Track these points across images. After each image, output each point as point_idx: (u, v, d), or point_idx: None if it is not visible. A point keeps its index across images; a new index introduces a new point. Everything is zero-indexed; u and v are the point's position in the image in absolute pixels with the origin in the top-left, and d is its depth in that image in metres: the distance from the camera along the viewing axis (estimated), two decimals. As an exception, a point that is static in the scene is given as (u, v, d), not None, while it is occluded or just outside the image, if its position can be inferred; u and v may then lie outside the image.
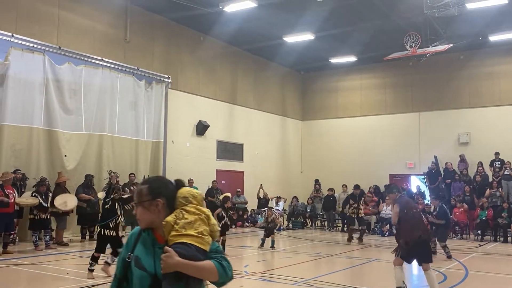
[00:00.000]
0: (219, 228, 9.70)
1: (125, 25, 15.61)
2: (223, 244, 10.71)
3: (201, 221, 2.29)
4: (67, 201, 11.73)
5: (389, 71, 22.15)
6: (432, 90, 21.05)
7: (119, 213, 8.05)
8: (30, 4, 12.98)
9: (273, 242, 11.96)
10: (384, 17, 16.47)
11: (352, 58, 21.20)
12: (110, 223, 7.89)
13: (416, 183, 19.76)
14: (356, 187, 14.38)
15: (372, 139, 22.20)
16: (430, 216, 11.16)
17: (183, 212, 2.30)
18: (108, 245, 8.04)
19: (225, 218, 11.02)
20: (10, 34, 12.32)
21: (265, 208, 18.10)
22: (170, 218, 2.27)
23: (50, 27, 13.47)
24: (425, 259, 6.75)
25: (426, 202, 16.53)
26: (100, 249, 7.94)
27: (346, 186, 17.94)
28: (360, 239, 13.44)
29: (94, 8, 14.65)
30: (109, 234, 7.86)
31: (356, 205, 13.78)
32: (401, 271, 6.86)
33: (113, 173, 13.85)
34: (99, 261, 8.00)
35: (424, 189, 19.08)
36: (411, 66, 20.63)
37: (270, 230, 12.10)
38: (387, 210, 14.84)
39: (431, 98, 21.03)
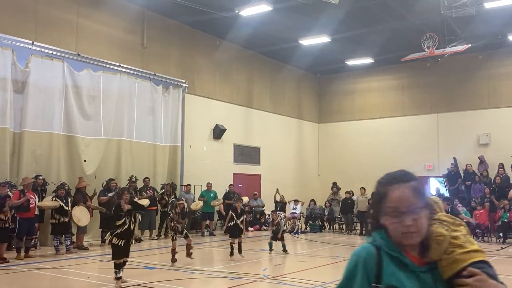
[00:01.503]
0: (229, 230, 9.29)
1: (142, 31, 15.79)
2: (239, 247, 10.60)
3: (467, 232, 1.87)
4: (81, 219, 11.82)
5: (407, 72, 21.96)
6: (451, 91, 20.80)
7: (127, 220, 7.76)
8: (49, 12, 13.22)
9: (284, 246, 11.74)
10: (400, 18, 16.35)
11: (368, 60, 21.08)
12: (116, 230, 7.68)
13: (435, 185, 19.51)
14: None
15: (390, 141, 22.02)
16: None
17: (446, 222, 1.85)
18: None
19: (236, 220, 10.73)
20: (30, 42, 12.57)
21: (282, 212, 18.14)
22: (443, 231, 1.80)
23: (69, 34, 13.69)
24: None
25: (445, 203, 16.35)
26: (116, 256, 7.72)
27: (364, 189, 17.80)
28: None
29: (112, 14, 14.85)
30: (117, 242, 7.65)
31: None
32: None
33: (135, 178, 14.07)
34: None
35: (444, 191, 18.84)
36: (429, 67, 20.41)
37: (276, 233, 11.93)
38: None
39: (450, 99, 20.77)
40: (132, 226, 7.90)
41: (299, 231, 17.27)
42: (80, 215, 11.79)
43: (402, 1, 15.13)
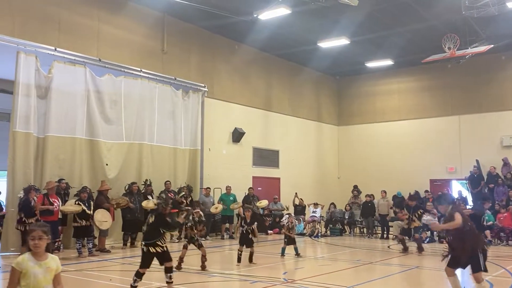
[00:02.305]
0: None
1: (162, 36, 15.95)
2: (250, 256, 10.20)
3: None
4: (103, 223, 11.97)
5: (427, 74, 21.73)
6: (473, 92, 20.49)
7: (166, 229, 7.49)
8: (71, 19, 13.46)
9: (296, 249, 11.49)
10: (421, 20, 16.18)
11: (388, 62, 20.91)
12: (158, 241, 7.25)
13: (457, 188, 19.22)
14: (412, 198, 13.86)
15: (411, 143, 21.79)
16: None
17: None
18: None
19: (242, 228, 10.32)
20: (53, 48, 12.83)
21: (302, 215, 18.06)
22: None
23: (91, 40, 13.92)
24: (476, 268, 6.50)
25: (468, 207, 16.08)
26: (144, 265, 7.27)
27: (385, 192, 17.64)
28: (420, 248, 12.69)
29: (132, 20, 15.05)
30: (155, 250, 7.21)
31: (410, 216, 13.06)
32: (456, 280, 6.68)
33: (149, 181, 14.17)
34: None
35: (466, 194, 18.54)
36: (450, 68, 20.17)
37: (291, 238, 11.65)
38: (428, 216, 14.42)
39: (472, 100, 20.47)
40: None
41: (319, 234, 17.18)
42: (102, 218, 11.95)
43: (422, 2, 14.98)
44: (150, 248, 7.18)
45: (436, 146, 21.06)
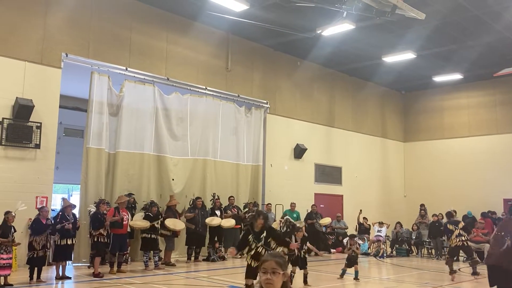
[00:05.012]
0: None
1: (227, 55, 16.30)
2: (304, 278, 9.76)
3: None
4: (176, 224, 12.43)
5: (500, 88, 20.68)
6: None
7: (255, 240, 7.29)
8: (141, 41, 14.09)
9: (356, 273, 10.88)
10: (492, 32, 15.44)
11: (457, 76, 20.11)
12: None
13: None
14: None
15: (482, 160, 20.71)
16: None
17: None
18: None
19: (295, 251, 9.50)
20: (125, 68, 13.48)
21: (366, 235, 17.57)
22: None
23: (159, 60, 14.48)
24: None
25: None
26: (250, 275, 7.20)
27: (455, 212, 16.81)
28: (474, 272, 12.09)
29: (198, 40, 15.51)
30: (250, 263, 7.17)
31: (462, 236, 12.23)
32: None
33: (217, 196, 14.39)
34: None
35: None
36: (525, 81, 19.07)
37: (353, 260, 11.12)
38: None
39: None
40: (261, 251, 7.23)
41: (385, 255, 16.63)
42: (173, 222, 12.31)
43: (493, 14, 14.31)
44: (248, 258, 7.20)
45: (509, 164, 19.89)
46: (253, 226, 7.51)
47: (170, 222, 12.30)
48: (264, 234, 7.38)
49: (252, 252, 7.29)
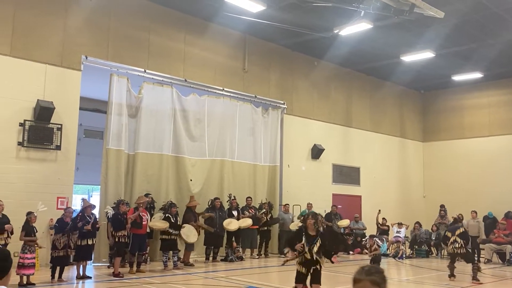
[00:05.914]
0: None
1: (244, 56, 16.34)
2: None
3: None
4: (190, 236, 12.27)
5: (521, 86, 20.29)
6: None
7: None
8: (160, 43, 14.22)
9: None
10: (514, 30, 15.19)
11: (477, 75, 19.82)
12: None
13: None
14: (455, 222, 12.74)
15: (503, 160, 20.36)
16: None
17: None
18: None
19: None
20: (143, 70, 13.62)
21: (385, 236, 17.40)
22: None
23: (177, 62, 14.59)
24: None
25: None
26: (300, 280, 6.82)
27: (476, 213, 16.60)
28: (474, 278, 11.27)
29: (215, 41, 15.58)
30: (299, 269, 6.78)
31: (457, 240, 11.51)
32: None
33: (233, 196, 14.41)
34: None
35: None
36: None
37: (375, 260, 10.98)
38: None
39: None
40: (312, 255, 6.71)
41: (404, 255, 16.47)
42: (189, 232, 12.32)
43: (515, 11, 14.07)
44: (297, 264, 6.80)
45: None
46: (307, 228, 6.90)
47: (185, 233, 12.17)
48: (319, 240, 6.76)
49: (302, 259, 6.74)
